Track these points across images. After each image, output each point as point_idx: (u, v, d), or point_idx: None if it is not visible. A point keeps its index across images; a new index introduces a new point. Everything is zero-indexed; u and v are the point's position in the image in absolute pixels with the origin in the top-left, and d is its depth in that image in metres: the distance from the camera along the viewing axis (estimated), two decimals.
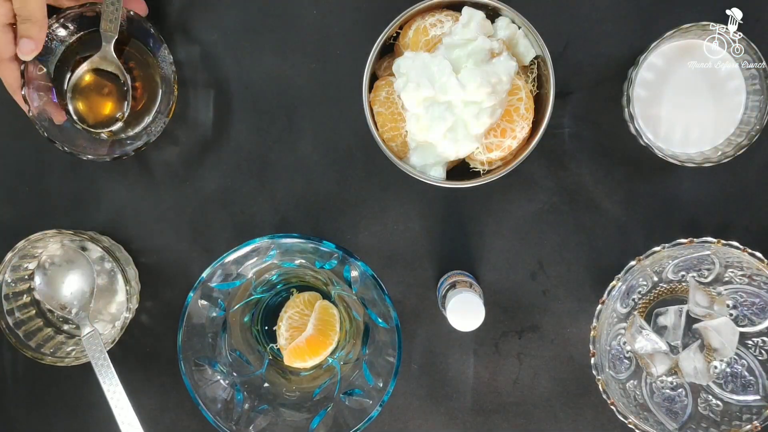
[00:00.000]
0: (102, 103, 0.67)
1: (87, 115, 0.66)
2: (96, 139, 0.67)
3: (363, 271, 0.56)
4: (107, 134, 0.67)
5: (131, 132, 0.67)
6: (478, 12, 0.60)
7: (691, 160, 0.63)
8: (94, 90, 0.66)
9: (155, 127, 0.66)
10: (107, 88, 0.66)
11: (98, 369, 0.62)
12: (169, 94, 0.65)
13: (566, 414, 0.69)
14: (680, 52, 0.64)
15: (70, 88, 0.66)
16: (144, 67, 0.67)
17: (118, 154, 0.64)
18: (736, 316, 0.63)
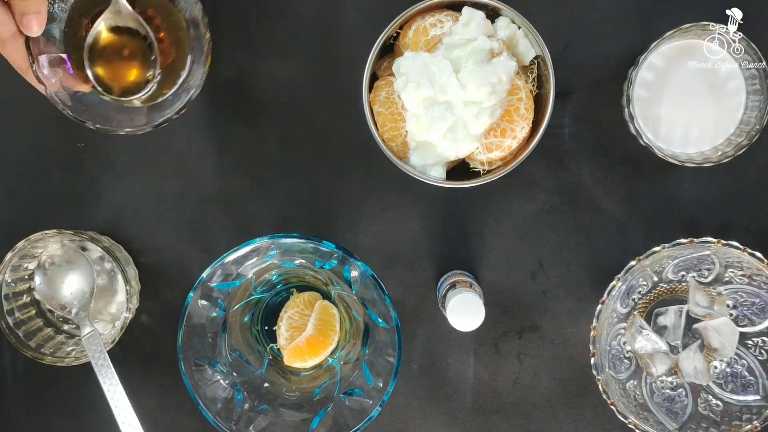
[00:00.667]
0: (126, 66, 0.58)
1: (112, 82, 0.57)
2: (129, 108, 0.58)
3: (363, 271, 0.56)
4: (141, 101, 0.58)
5: (168, 92, 0.58)
6: (478, 12, 0.60)
7: (691, 160, 0.63)
8: (113, 52, 0.57)
9: (194, 79, 0.57)
10: (128, 47, 0.57)
11: (98, 369, 0.62)
12: (200, 38, 0.56)
13: (566, 414, 0.69)
14: (680, 52, 0.64)
15: (86, 55, 0.56)
16: (165, 13, 0.58)
17: (159, 121, 0.55)
18: (736, 316, 0.63)
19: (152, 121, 0.56)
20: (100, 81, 0.57)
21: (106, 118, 0.56)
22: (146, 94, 0.58)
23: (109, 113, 0.57)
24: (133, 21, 0.56)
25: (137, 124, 0.56)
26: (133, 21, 0.56)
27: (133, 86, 0.58)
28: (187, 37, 0.58)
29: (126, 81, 0.58)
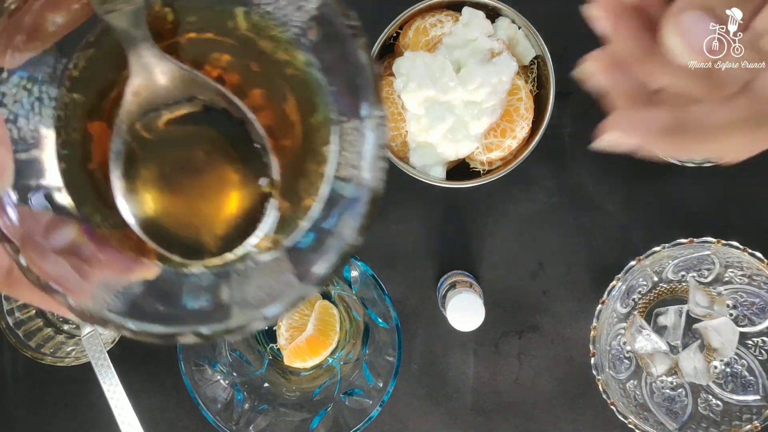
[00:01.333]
0: (213, 193, 0.27)
1: (193, 234, 0.26)
2: (240, 270, 0.27)
3: (363, 271, 0.56)
4: (262, 248, 0.27)
5: (304, 216, 0.27)
6: (478, 12, 0.60)
7: (691, 160, 0.63)
8: (179, 171, 0.27)
9: (352, 172, 0.28)
10: (201, 146, 0.27)
11: (98, 369, 0.62)
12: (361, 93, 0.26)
13: (566, 414, 0.69)
14: None
15: (124, 194, 0.26)
16: (248, 57, 0.27)
17: (319, 274, 0.26)
18: (736, 316, 0.63)
19: (307, 277, 0.26)
20: (163, 239, 0.26)
21: (215, 305, 0.26)
22: (265, 233, 0.27)
23: (210, 293, 0.26)
24: (206, 92, 0.26)
25: (277, 296, 0.25)
26: (206, 92, 0.26)
27: (240, 223, 0.27)
28: (322, 96, 0.27)
29: (225, 217, 0.27)
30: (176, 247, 0.26)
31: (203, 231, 0.26)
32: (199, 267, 0.26)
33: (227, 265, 0.26)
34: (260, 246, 0.27)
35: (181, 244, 0.26)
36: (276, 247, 0.27)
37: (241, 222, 0.26)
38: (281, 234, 0.27)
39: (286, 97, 0.27)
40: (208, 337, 0.24)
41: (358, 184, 0.27)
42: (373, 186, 0.27)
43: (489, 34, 0.61)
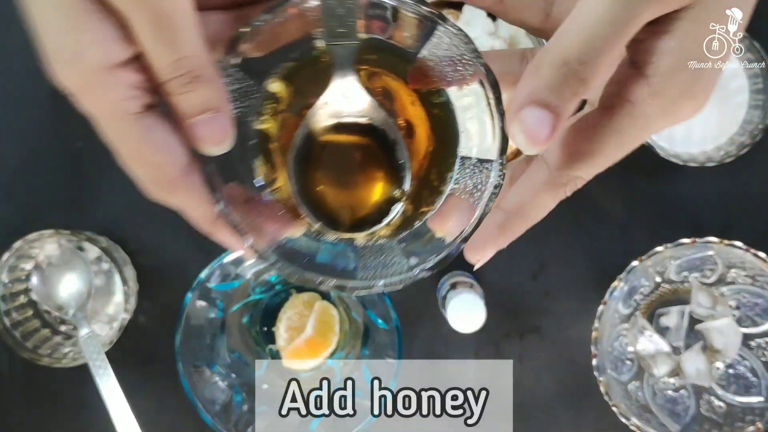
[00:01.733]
0: (361, 184, 0.35)
1: (340, 211, 0.34)
2: (359, 247, 0.35)
3: None
4: (384, 234, 0.35)
5: (425, 214, 0.35)
6: (479, 10, 0.60)
7: (694, 160, 0.63)
8: (337, 163, 0.35)
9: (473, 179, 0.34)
10: (359, 150, 0.35)
11: (95, 370, 0.62)
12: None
13: (568, 415, 0.69)
14: None
15: (293, 173, 0.34)
16: (407, 94, 0.35)
17: (429, 263, 0.34)
18: (738, 317, 0.63)
19: (413, 266, 0.34)
20: (321, 210, 0.34)
21: (341, 268, 0.34)
22: (389, 220, 0.35)
23: (336, 260, 0.34)
24: (372, 112, 0.33)
25: (387, 271, 0.34)
26: (372, 112, 0.33)
27: (371, 214, 0.35)
28: (456, 136, 0.35)
29: (362, 206, 0.35)
30: (321, 219, 0.34)
31: (344, 212, 0.35)
32: (333, 237, 0.34)
33: (354, 240, 0.35)
34: (381, 233, 0.35)
35: (324, 217, 0.34)
36: (392, 237, 0.35)
37: (373, 213, 0.35)
38: (400, 228, 0.35)
39: (430, 131, 0.36)
40: (336, 286, 0.32)
41: None
42: (482, 212, 0.33)
43: (490, 32, 0.61)
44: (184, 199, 0.32)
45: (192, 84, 0.27)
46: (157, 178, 0.30)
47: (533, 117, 0.27)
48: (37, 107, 0.68)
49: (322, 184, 0.35)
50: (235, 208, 0.33)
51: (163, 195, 0.31)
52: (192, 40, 0.27)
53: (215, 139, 0.29)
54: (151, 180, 0.31)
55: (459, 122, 0.35)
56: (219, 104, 0.28)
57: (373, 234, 0.35)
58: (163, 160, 0.29)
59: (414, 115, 0.36)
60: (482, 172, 0.33)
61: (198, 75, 0.27)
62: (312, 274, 0.32)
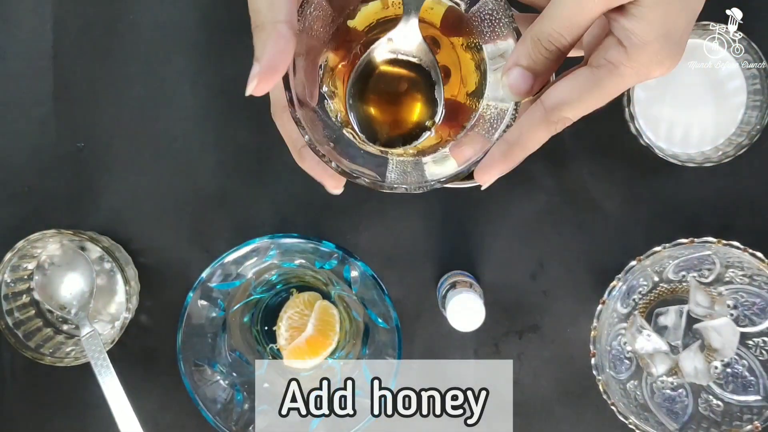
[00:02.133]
0: (402, 109, 0.43)
1: (379, 126, 0.43)
2: (389, 161, 0.43)
3: (363, 271, 0.56)
4: (410, 154, 0.43)
5: (447, 146, 0.43)
6: None
7: (692, 160, 0.63)
8: (387, 90, 0.43)
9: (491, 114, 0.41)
10: (406, 83, 0.43)
11: (98, 369, 0.62)
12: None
13: (566, 414, 0.69)
14: None
15: (351, 91, 0.42)
16: (452, 48, 0.44)
17: (434, 180, 0.41)
18: (736, 317, 0.63)
19: (424, 179, 0.41)
20: (366, 123, 0.42)
21: (377, 172, 0.42)
22: (418, 143, 0.43)
23: (377, 164, 0.42)
24: (423, 54, 0.42)
25: (413, 178, 0.41)
26: (423, 54, 0.42)
27: (406, 134, 0.43)
28: (479, 71, 0.43)
29: (399, 128, 0.43)
30: (365, 132, 0.42)
31: (384, 129, 0.43)
32: (372, 148, 0.42)
33: (388, 153, 0.42)
34: (409, 153, 0.43)
35: (368, 131, 0.42)
36: (418, 155, 0.42)
37: (407, 134, 0.42)
38: (426, 151, 0.43)
39: (464, 77, 0.44)
40: (370, 183, 0.39)
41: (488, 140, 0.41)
42: (491, 145, 0.40)
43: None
44: (282, 123, 0.45)
45: (256, 31, 0.37)
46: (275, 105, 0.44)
47: (515, 75, 0.37)
48: (39, 107, 0.68)
49: (371, 104, 0.42)
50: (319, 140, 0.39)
51: (276, 119, 0.45)
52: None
53: (254, 86, 0.39)
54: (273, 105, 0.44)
55: (488, 72, 0.41)
56: (266, 52, 0.36)
57: (405, 152, 0.43)
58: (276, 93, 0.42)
59: (454, 63, 0.44)
60: (498, 114, 0.40)
61: (257, 24, 0.36)
62: (356, 168, 0.40)
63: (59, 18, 0.68)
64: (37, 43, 0.68)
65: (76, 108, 0.69)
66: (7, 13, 0.69)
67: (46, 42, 0.68)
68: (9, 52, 0.69)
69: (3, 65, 0.69)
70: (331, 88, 0.43)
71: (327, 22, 0.40)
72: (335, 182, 0.44)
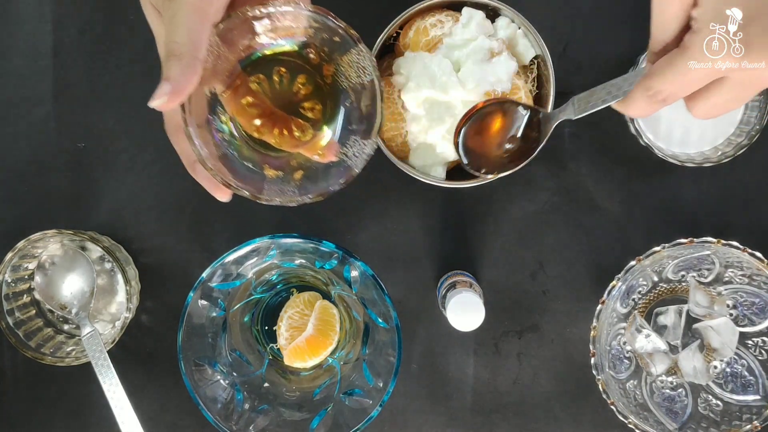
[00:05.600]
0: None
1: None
2: (274, 178, 0.49)
3: (363, 271, 0.56)
4: (279, 174, 0.49)
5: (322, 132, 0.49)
6: (478, 12, 0.60)
7: (691, 160, 0.63)
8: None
9: (356, 149, 0.47)
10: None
11: (98, 369, 0.62)
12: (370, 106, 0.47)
13: (566, 414, 0.69)
14: None
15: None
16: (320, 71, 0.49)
17: (314, 192, 0.47)
18: (736, 316, 0.63)
19: (306, 191, 0.47)
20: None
21: (251, 184, 0.48)
22: (308, 139, 0.49)
23: (253, 179, 0.49)
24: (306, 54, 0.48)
25: (287, 193, 0.48)
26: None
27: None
28: (339, 101, 0.49)
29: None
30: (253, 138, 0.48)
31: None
32: (250, 165, 0.49)
33: (264, 170, 0.49)
34: (279, 174, 0.49)
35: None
36: (288, 173, 0.49)
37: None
38: (297, 169, 0.49)
39: (324, 98, 0.49)
40: (250, 196, 0.47)
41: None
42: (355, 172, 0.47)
43: (489, 34, 0.61)
44: (176, 140, 0.48)
45: (168, 60, 0.41)
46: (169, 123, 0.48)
47: None
48: (40, 108, 0.69)
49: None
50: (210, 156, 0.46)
51: (170, 135, 0.48)
52: (184, 29, 0.41)
53: (156, 99, 0.41)
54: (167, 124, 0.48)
55: (348, 106, 0.49)
56: (173, 76, 0.41)
57: (276, 173, 0.49)
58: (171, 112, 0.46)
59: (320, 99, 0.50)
60: (362, 144, 0.47)
61: (173, 53, 0.41)
62: (238, 183, 0.46)
63: (59, 18, 0.68)
64: (37, 43, 0.68)
65: (76, 108, 0.69)
66: (8, 13, 0.69)
67: (46, 42, 0.68)
68: (9, 52, 0.69)
69: (3, 65, 0.69)
70: (223, 112, 0.48)
71: (217, 57, 0.45)
72: (223, 193, 0.50)
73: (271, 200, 0.47)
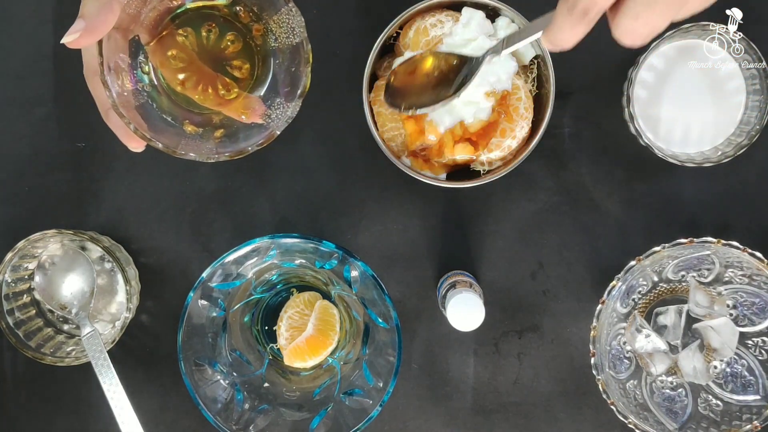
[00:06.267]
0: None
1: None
2: (194, 134, 0.51)
3: (363, 271, 0.56)
4: (197, 130, 0.50)
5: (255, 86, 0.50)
6: (478, 12, 0.60)
7: (691, 160, 0.63)
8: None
9: (279, 111, 0.50)
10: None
11: (98, 369, 0.62)
12: (295, 64, 0.49)
13: (566, 414, 0.69)
14: (680, 52, 0.64)
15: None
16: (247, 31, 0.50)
17: (229, 151, 0.49)
18: (736, 316, 0.63)
19: (223, 149, 0.50)
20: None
21: (169, 138, 0.49)
22: (233, 97, 0.50)
23: (170, 132, 0.49)
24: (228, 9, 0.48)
25: (204, 150, 0.49)
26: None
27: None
28: (269, 61, 0.51)
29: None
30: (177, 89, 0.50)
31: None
32: (168, 118, 0.50)
33: (183, 125, 0.50)
34: (198, 130, 0.50)
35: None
36: (207, 130, 0.51)
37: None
38: (217, 125, 0.51)
39: (253, 58, 0.50)
40: (163, 148, 0.47)
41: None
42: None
43: (489, 33, 0.61)
44: (93, 86, 0.48)
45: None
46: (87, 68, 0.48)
47: None
48: (40, 108, 0.69)
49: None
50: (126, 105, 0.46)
51: (88, 81, 0.48)
52: None
53: (70, 36, 0.42)
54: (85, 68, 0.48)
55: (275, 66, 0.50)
56: (86, 13, 0.42)
57: (194, 129, 0.49)
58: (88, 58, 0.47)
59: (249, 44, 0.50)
60: (285, 107, 0.49)
61: None
62: (153, 134, 0.46)
63: (59, 18, 0.68)
64: (37, 43, 0.68)
65: (77, 108, 0.69)
66: (8, 13, 0.69)
67: (46, 42, 0.68)
68: (9, 52, 0.69)
69: (3, 65, 0.69)
70: (146, 62, 0.48)
71: (143, 3, 0.46)
72: (136, 143, 0.49)
73: (185, 155, 0.47)
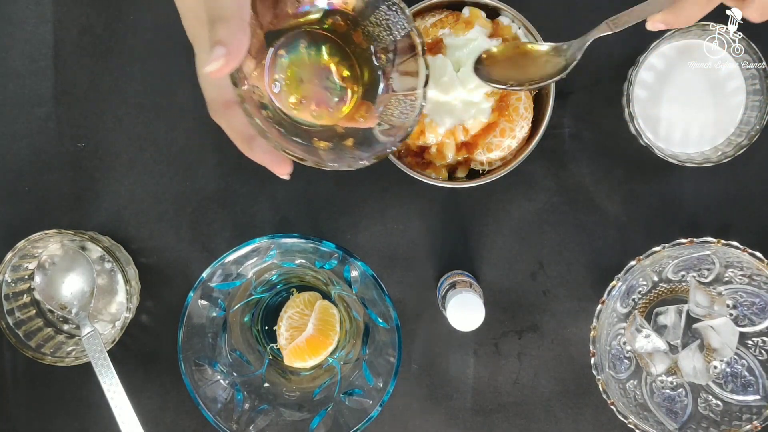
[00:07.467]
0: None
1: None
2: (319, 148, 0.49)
3: (363, 271, 0.56)
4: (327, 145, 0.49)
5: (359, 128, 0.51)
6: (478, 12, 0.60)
7: (691, 160, 0.63)
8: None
9: (403, 107, 0.49)
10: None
11: (98, 369, 0.62)
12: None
13: (566, 414, 0.69)
14: (680, 52, 0.64)
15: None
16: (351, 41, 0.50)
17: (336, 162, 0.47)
18: (736, 316, 0.63)
19: (363, 154, 0.48)
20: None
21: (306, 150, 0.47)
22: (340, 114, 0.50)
23: (308, 150, 0.47)
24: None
25: (346, 159, 0.47)
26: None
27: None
28: (377, 79, 0.50)
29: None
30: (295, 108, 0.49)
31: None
32: (300, 140, 0.48)
33: (312, 142, 0.48)
34: (326, 144, 0.49)
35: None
36: (336, 141, 0.50)
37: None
38: (343, 136, 0.49)
39: (355, 65, 0.50)
40: (314, 164, 0.45)
41: None
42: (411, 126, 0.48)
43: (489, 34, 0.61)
44: (227, 120, 0.46)
45: (214, 23, 0.40)
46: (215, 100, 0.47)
47: None
48: (40, 108, 0.69)
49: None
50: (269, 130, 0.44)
51: (218, 118, 0.47)
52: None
53: (214, 64, 0.40)
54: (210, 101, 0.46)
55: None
56: (225, 38, 0.40)
57: (326, 144, 0.48)
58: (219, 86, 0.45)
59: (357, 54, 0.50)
60: (408, 102, 0.48)
61: (220, 17, 0.40)
62: (300, 153, 0.44)
63: (59, 18, 0.68)
64: (37, 43, 0.68)
65: (77, 108, 0.69)
66: (8, 13, 0.69)
67: (46, 42, 0.68)
68: (9, 52, 0.69)
69: (3, 65, 0.69)
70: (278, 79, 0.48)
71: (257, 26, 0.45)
72: (284, 167, 0.47)
73: (335, 166, 0.45)
